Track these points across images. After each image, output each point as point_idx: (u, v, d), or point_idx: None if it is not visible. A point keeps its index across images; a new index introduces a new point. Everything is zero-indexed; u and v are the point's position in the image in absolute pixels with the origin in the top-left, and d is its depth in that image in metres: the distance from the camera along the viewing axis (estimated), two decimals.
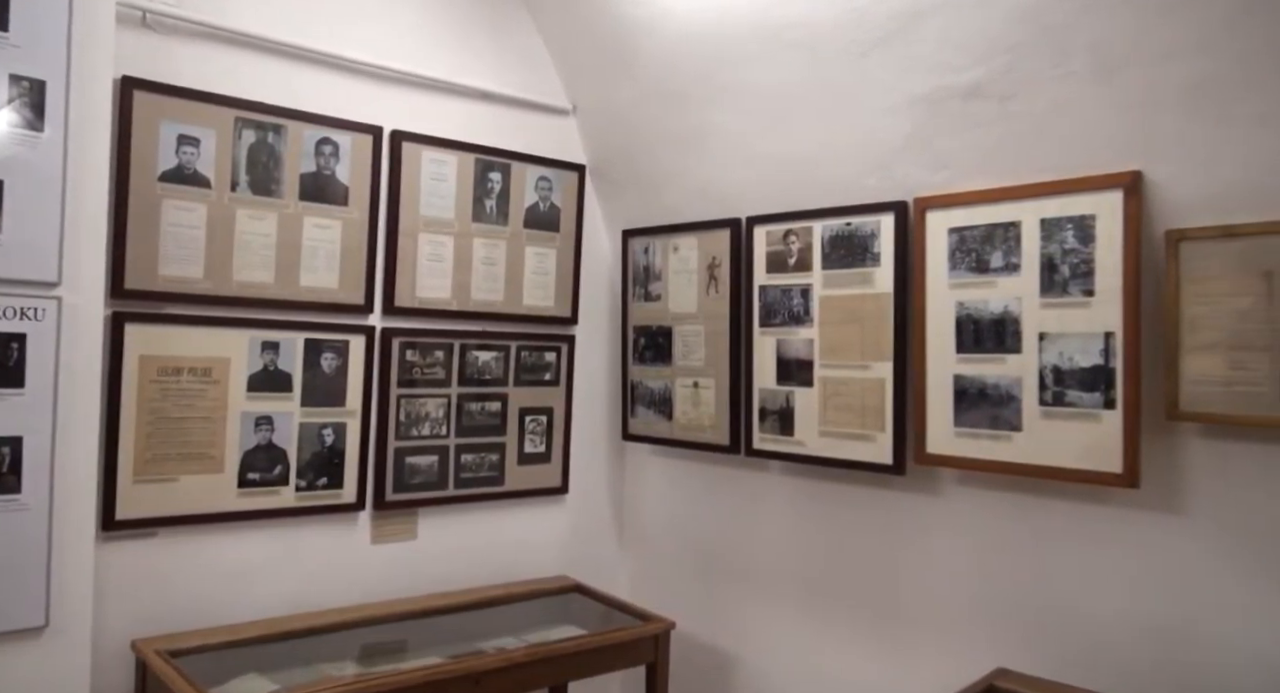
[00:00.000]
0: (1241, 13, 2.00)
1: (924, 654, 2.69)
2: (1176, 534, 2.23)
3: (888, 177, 2.71)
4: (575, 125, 3.55)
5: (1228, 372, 2.08)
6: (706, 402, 3.22)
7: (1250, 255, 2.05)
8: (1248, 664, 2.11)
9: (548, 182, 3.42)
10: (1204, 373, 2.12)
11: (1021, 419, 2.40)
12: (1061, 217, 2.33)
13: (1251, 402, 2.04)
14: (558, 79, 3.52)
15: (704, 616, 3.35)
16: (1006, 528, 2.53)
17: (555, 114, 3.50)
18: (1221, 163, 2.10)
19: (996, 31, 2.37)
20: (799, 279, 2.92)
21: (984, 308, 2.48)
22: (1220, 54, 2.05)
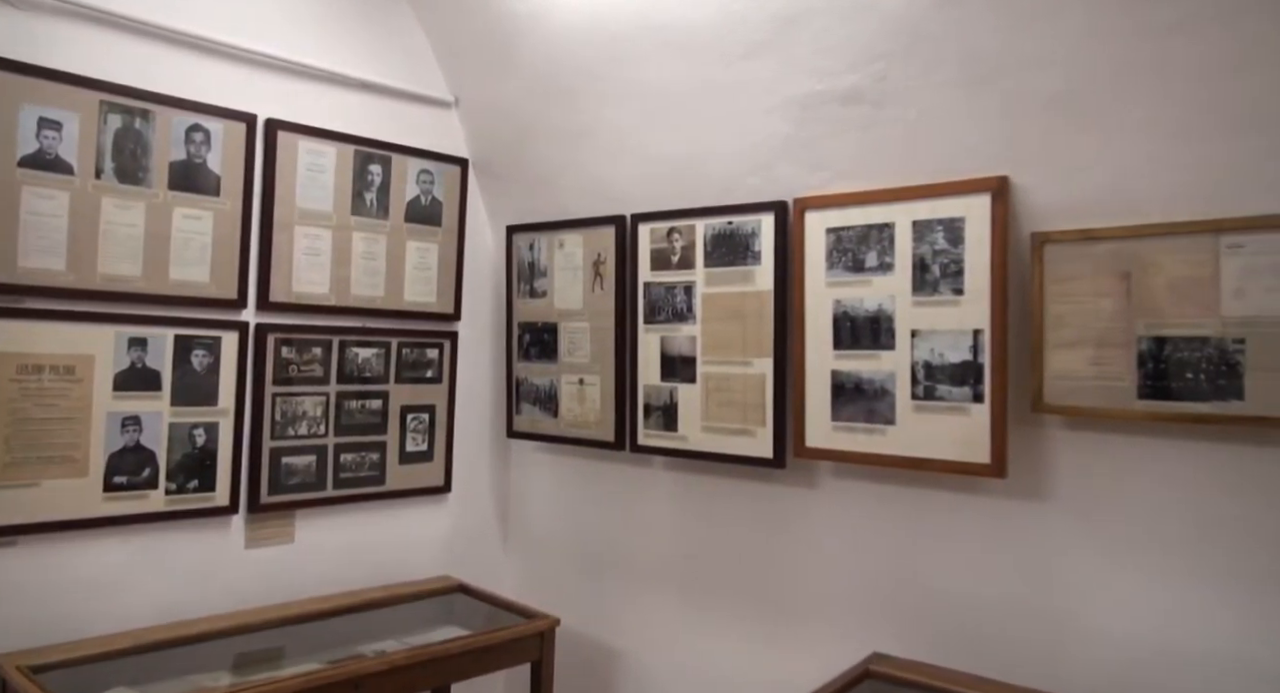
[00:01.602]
0: (1099, 28, 2.12)
1: (804, 642, 2.77)
2: (1041, 520, 2.35)
3: (768, 177, 2.78)
4: (458, 118, 3.52)
5: (1088, 367, 2.21)
6: (592, 398, 3.24)
7: (1109, 257, 2.18)
8: (1104, 641, 2.24)
9: (430, 175, 3.38)
10: (1067, 368, 2.25)
11: (895, 413, 2.51)
12: (933, 219, 2.43)
13: (1110, 395, 2.18)
14: (439, 71, 3.48)
15: (589, 612, 3.37)
16: (882, 518, 2.63)
17: (437, 106, 3.47)
18: (1083, 170, 2.23)
19: (870, 39, 2.46)
20: (682, 277, 2.97)
21: (860, 306, 2.57)
22: (1080, 66, 2.17)
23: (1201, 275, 2.06)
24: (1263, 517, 2.04)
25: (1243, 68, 1.98)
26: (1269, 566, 2.04)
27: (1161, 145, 2.12)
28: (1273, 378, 1.97)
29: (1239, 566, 2.08)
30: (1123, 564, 2.24)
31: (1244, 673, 2.07)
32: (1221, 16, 1.97)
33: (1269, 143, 1.98)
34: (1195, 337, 2.07)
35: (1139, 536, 2.21)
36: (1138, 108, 2.13)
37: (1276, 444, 2.02)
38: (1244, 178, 2.02)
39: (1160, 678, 2.17)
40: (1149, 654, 2.19)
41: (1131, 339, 2.16)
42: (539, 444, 3.56)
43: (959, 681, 2.32)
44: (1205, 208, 2.06)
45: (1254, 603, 2.06)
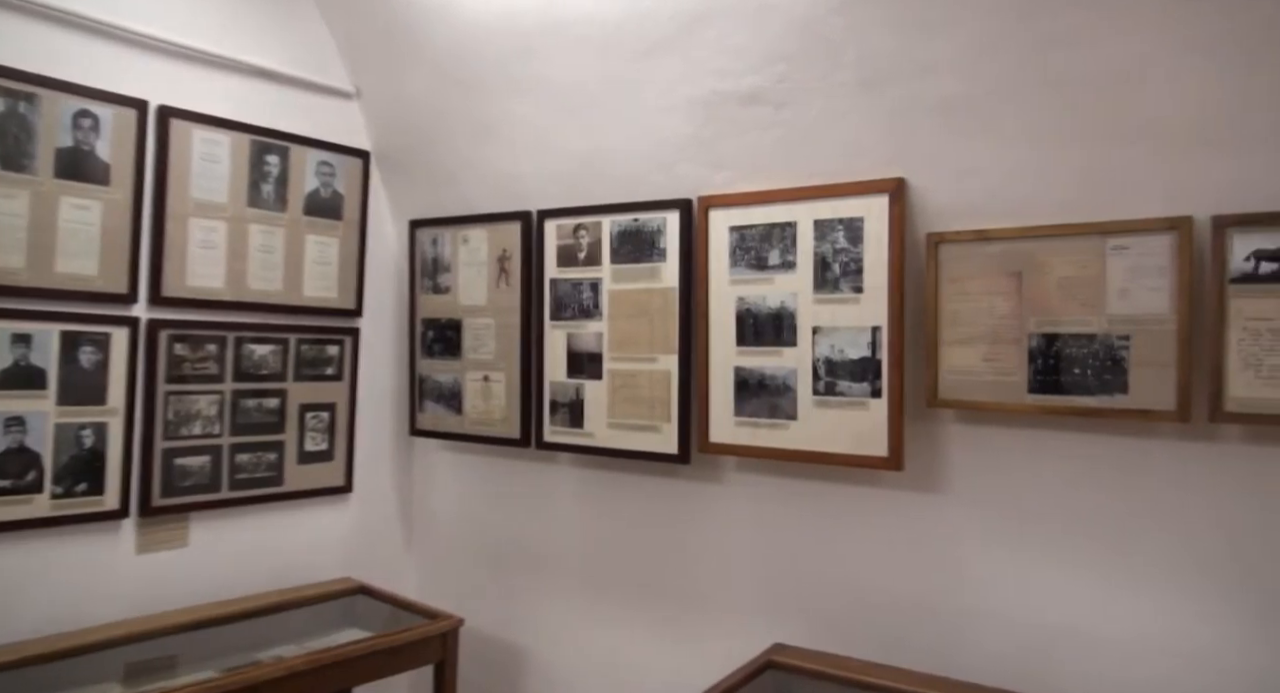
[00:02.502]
0: (991, 38, 2.18)
1: (709, 635, 2.80)
2: (937, 511, 2.42)
3: (673, 175, 2.79)
4: (359, 109, 3.44)
5: (982, 363, 2.28)
6: (497, 395, 3.22)
7: (1001, 258, 2.25)
8: (1000, 626, 2.32)
9: (330, 167, 3.30)
10: (961, 364, 2.31)
11: (797, 408, 2.55)
12: (833, 218, 2.47)
13: (1003, 390, 2.25)
14: (340, 60, 3.40)
15: (495, 611, 3.35)
16: (784, 511, 2.67)
17: (338, 97, 3.38)
18: (976, 173, 2.29)
19: (771, 41, 2.49)
20: (589, 273, 2.97)
21: (762, 303, 2.60)
22: (973, 73, 2.23)
23: (1088, 275, 2.14)
24: (1146, 505, 2.14)
25: (1126, 79, 2.06)
26: (1153, 549, 2.13)
27: (1050, 151, 2.19)
28: (1155, 373, 2.06)
29: (1126, 550, 2.17)
30: (1015, 551, 2.31)
31: (1135, 652, 2.16)
32: (1107, 30, 2.06)
33: (1151, 150, 2.07)
34: (1083, 334, 2.15)
35: (1031, 524, 2.29)
36: (1027, 115, 2.20)
37: (1158, 436, 2.12)
38: (1128, 183, 2.11)
39: (1054, 660, 2.25)
40: (1042, 638, 2.27)
41: (1023, 336, 2.23)
42: (443, 442, 3.51)
43: (858, 668, 2.37)
44: (1093, 211, 2.15)
45: (1141, 585, 2.15)
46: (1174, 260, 2.04)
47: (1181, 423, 2.06)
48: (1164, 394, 2.06)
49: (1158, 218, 2.06)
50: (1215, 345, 2.00)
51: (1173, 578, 2.12)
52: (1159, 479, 2.13)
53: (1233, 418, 1.99)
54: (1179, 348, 2.04)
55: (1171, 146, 2.05)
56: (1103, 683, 2.19)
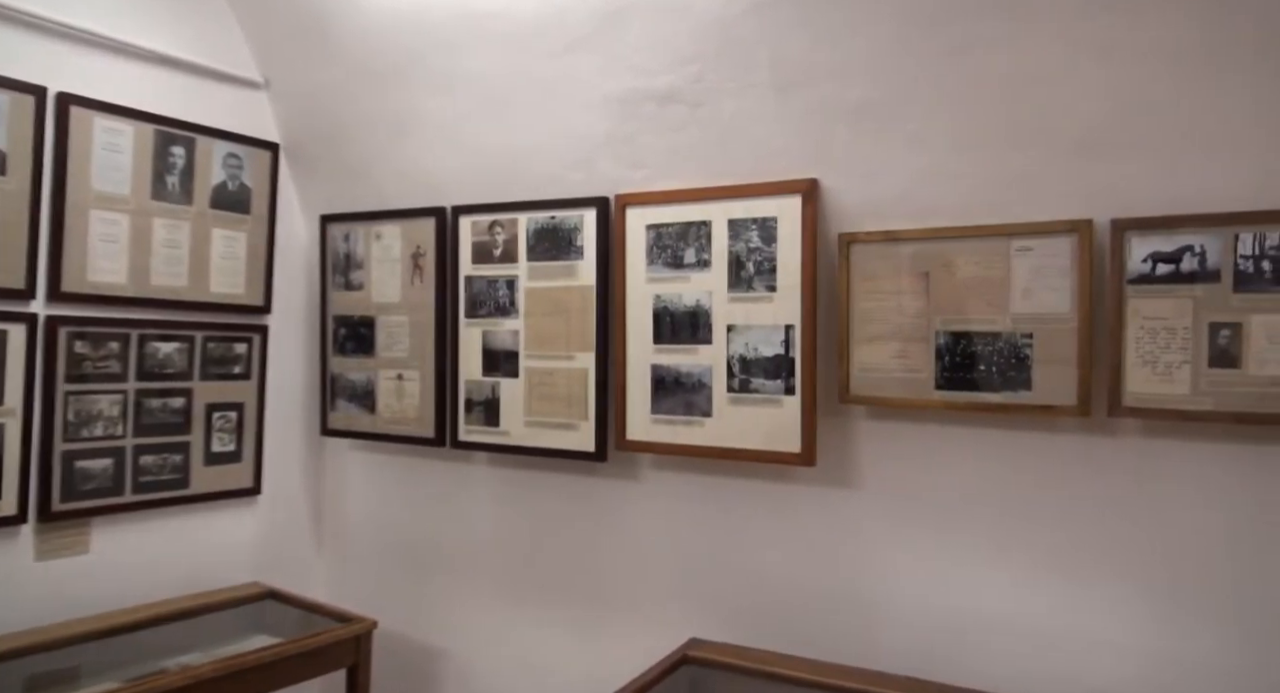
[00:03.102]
0: (900, 44, 2.24)
1: (626, 632, 2.80)
2: (849, 505, 2.47)
3: (591, 172, 2.78)
4: (268, 101, 3.34)
5: (892, 360, 2.33)
6: (411, 394, 3.17)
7: (911, 258, 2.30)
8: (909, 616, 2.38)
9: (237, 159, 3.20)
10: (872, 361, 2.36)
11: (712, 405, 2.57)
12: (747, 218, 2.50)
13: (912, 387, 2.31)
14: (248, 49, 3.29)
15: (409, 612, 3.30)
16: (700, 507, 2.69)
17: (245, 87, 3.28)
18: (886, 175, 2.34)
19: (687, 41, 2.50)
20: (505, 270, 2.95)
21: (679, 301, 2.62)
22: (883, 78, 2.29)
23: (994, 276, 2.21)
24: (1050, 497, 2.21)
25: (1030, 86, 2.14)
26: (1057, 539, 2.21)
27: (957, 154, 2.25)
28: (1056, 370, 2.13)
29: (1031, 540, 2.24)
30: (925, 543, 2.37)
31: (1041, 638, 2.23)
32: (1010, 39, 2.13)
33: (1053, 155, 2.14)
34: (988, 332, 2.21)
35: (939, 516, 2.35)
36: (936, 119, 2.26)
37: (1061, 430, 2.20)
38: (1032, 187, 2.18)
39: (963, 648, 2.32)
40: (951, 626, 2.33)
41: (930, 334, 2.29)
42: (355, 442, 3.44)
43: (772, 661, 2.40)
44: (998, 214, 2.21)
45: (1045, 573, 2.23)
46: (1075, 262, 2.11)
47: (1082, 418, 2.14)
48: (1065, 390, 2.13)
49: (1059, 221, 2.13)
50: (1114, 343, 2.08)
51: (1076, 566, 2.20)
52: (1062, 472, 2.21)
53: (1130, 413, 2.08)
54: (1080, 346, 2.11)
55: (1073, 152, 2.13)
56: (1010, 670, 2.26)
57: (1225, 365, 1.99)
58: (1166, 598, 2.11)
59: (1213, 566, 2.07)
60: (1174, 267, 2.02)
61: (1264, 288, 1.95)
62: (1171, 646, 2.11)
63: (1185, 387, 2.03)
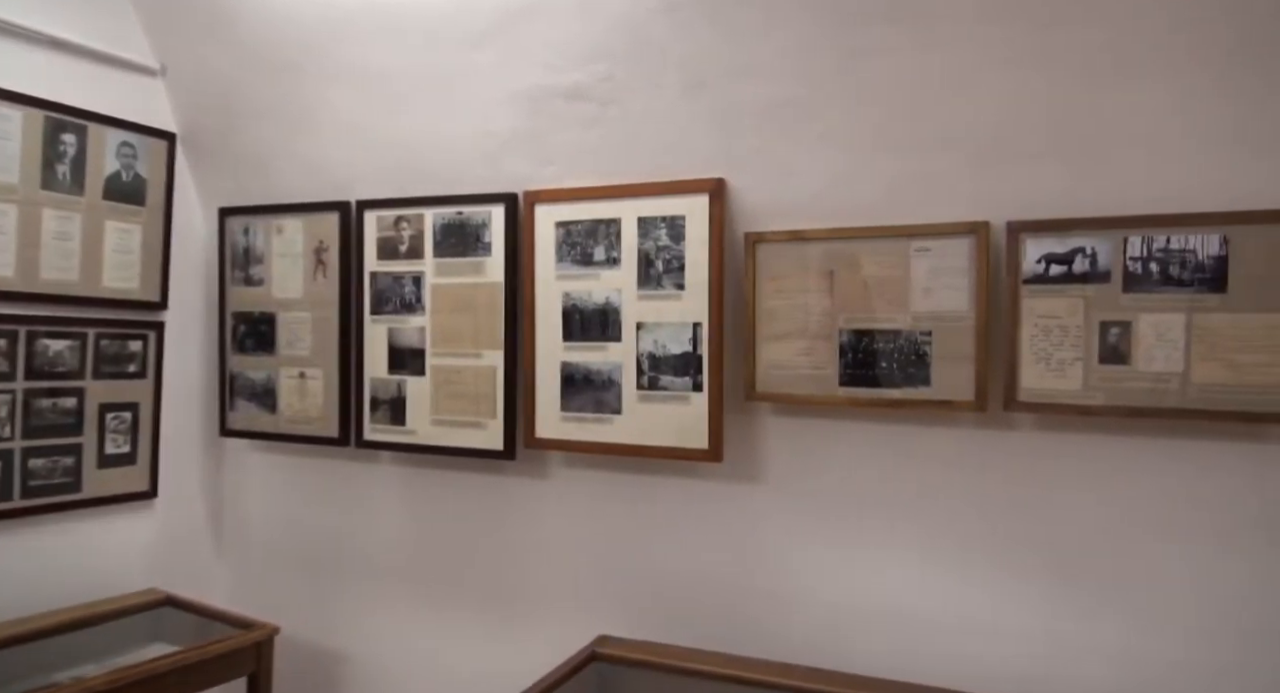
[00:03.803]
0: (806, 47, 2.27)
1: (536, 631, 2.79)
2: (755, 500, 2.49)
3: (499, 168, 2.74)
4: (164, 88, 3.21)
5: (797, 357, 2.36)
6: (314, 393, 3.09)
7: (816, 257, 2.33)
8: (815, 607, 2.42)
9: (131, 148, 3.05)
10: (778, 359, 2.39)
11: (622, 403, 2.57)
12: (656, 216, 2.50)
13: (816, 383, 2.34)
14: (143, 34, 3.15)
15: (313, 617, 3.22)
16: (610, 505, 2.68)
17: (140, 73, 3.14)
18: (791, 175, 2.37)
19: (596, 38, 2.49)
20: (411, 267, 2.89)
21: (588, 299, 2.61)
22: (789, 80, 2.31)
23: (894, 275, 2.25)
24: (950, 488, 2.27)
25: (930, 90, 2.18)
26: (957, 529, 2.27)
27: (860, 156, 2.29)
28: (954, 367, 2.19)
29: (932, 531, 2.30)
30: (829, 536, 2.41)
31: (942, 627, 2.29)
32: (911, 44, 2.17)
33: (953, 159, 2.20)
34: (889, 330, 2.26)
35: (843, 509, 2.39)
36: (839, 121, 2.30)
37: (959, 424, 2.25)
38: (932, 189, 2.23)
39: (866, 638, 2.37)
40: (855, 617, 2.38)
41: (835, 332, 2.33)
42: (256, 443, 3.34)
43: (680, 656, 2.41)
44: (899, 215, 2.25)
45: (946, 564, 2.29)
46: (973, 262, 2.17)
47: (979, 412, 2.20)
48: (963, 386, 2.19)
49: (958, 222, 2.18)
50: (1009, 341, 2.15)
51: (973, 556, 2.26)
52: (960, 465, 2.27)
53: (1025, 407, 2.14)
54: (977, 343, 2.17)
55: (972, 156, 2.18)
56: (912, 658, 2.31)
57: (1115, 362, 2.07)
58: (1059, 585, 2.19)
59: (1103, 554, 2.15)
60: (1066, 268, 2.10)
61: (1151, 288, 2.03)
62: (1063, 630, 2.18)
63: (1077, 383, 2.11)
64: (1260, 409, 1.96)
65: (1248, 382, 1.97)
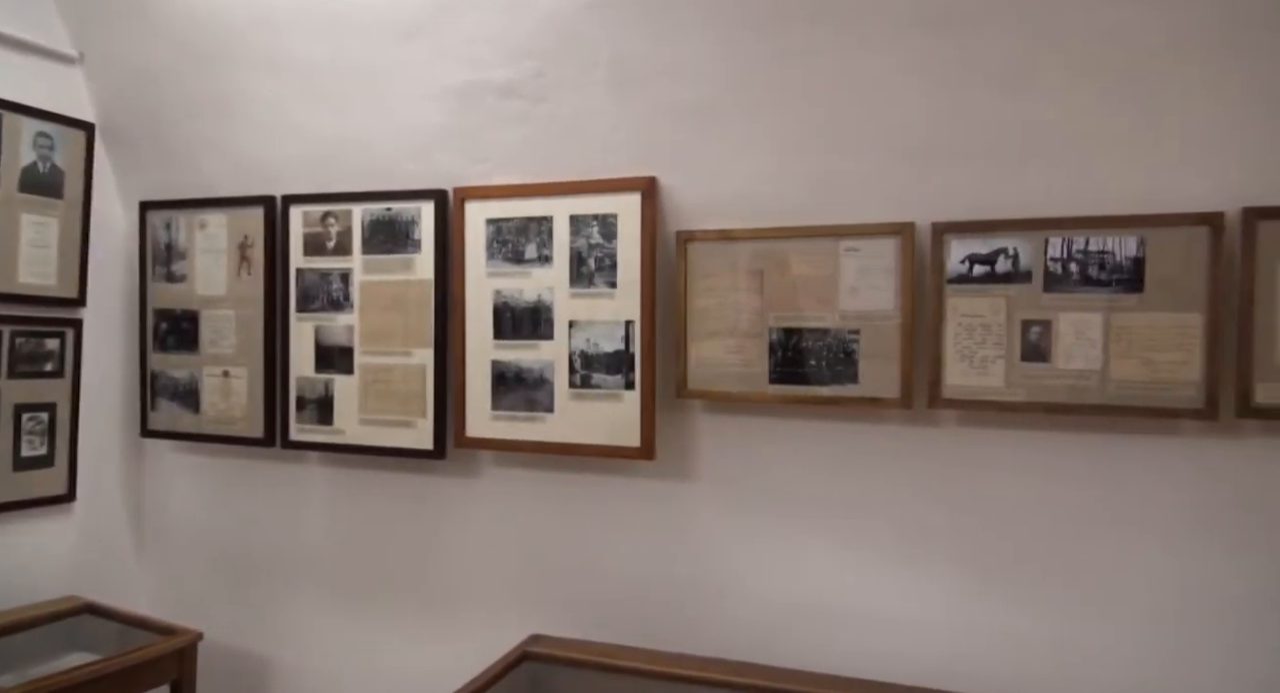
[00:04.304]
0: (734, 48, 2.30)
1: (468, 632, 2.76)
2: (687, 497, 2.50)
3: (429, 164, 2.71)
4: (82, 77, 3.10)
5: (728, 355, 2.37)
6: (238, 392, 3.03)
7: (746, 256, 2.34)
8: (747, 601, 2.44)
9: (48, 139, 2.94)
10: (709, 356, 2.40)
11: (554, 401, 2.55)
12: (588, 214, 2.49)
13: (747, 381, 2.36)
14: (60, 20, 3.04)
15: (238, 622, 3.15)
16: (542, 503, 2.67)
17: (57, 61, 3.02)
18: (722, 175, 2.38)
19: (526, 34, 2.48)
20: (338, 263, 2.84)
21: (520, 297, 2.59)
22: (718, 80, 2.33)
23: (823, 275, 2.28)
24: (877, 484, 2.31)
25: (855, 93, 2.23)
26: (885, 524, 2.31)
27: (789, 157, 2.31)
28: (881, 364, 2.22)
29: (860, 526, 2.33)
30: (760, 532, 2.43)
31: (871, 621, 2.33)
32: (836, 48, 2.22)
33: (878, 160, 2.23)
34: (818, 328, 2.28)
35: (774, 505, 2.41)
36: (768, 122, 2.32)
37: (885, 421, 2.29)
38: (859, 190, 2.26)
39: (797, 632, 2.39)
40: (785, 611, 2.40)
41: (765, 330, 2.34)
42: (178, 444, 3.24)
43: (612, 653, 2.41)
44: (827, 215, 2.28)
45: (874, 558, 2.33)
46: (898, 262, 2.20)
47: (905, 409, 2.23)
48: (890, 383, 2.23)
49: (884, 223, 2.22)
50: (934, 339, 2.18)
51: (899, 550, 2.30)
52: (887, 460, 2.30)
53: (949, 404, 2.18)
54: (903, 341, 2.20)
55: (897, 158, 2.22)
56: (841, 651, 2.34)
57: (1036, 360, 2.12)
58: (983, 576, 2.23)
59: (1026, 546, 2.20)
60: (989, 268, 2.15)
61: (1071, 288, 2.09)
62: (987, 620, 2.23)
63: (999, 380, 2.16)
64: (1173, 405, 2.03)
65: (1161, 378, 2.03)
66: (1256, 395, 1.99)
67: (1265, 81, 1.98)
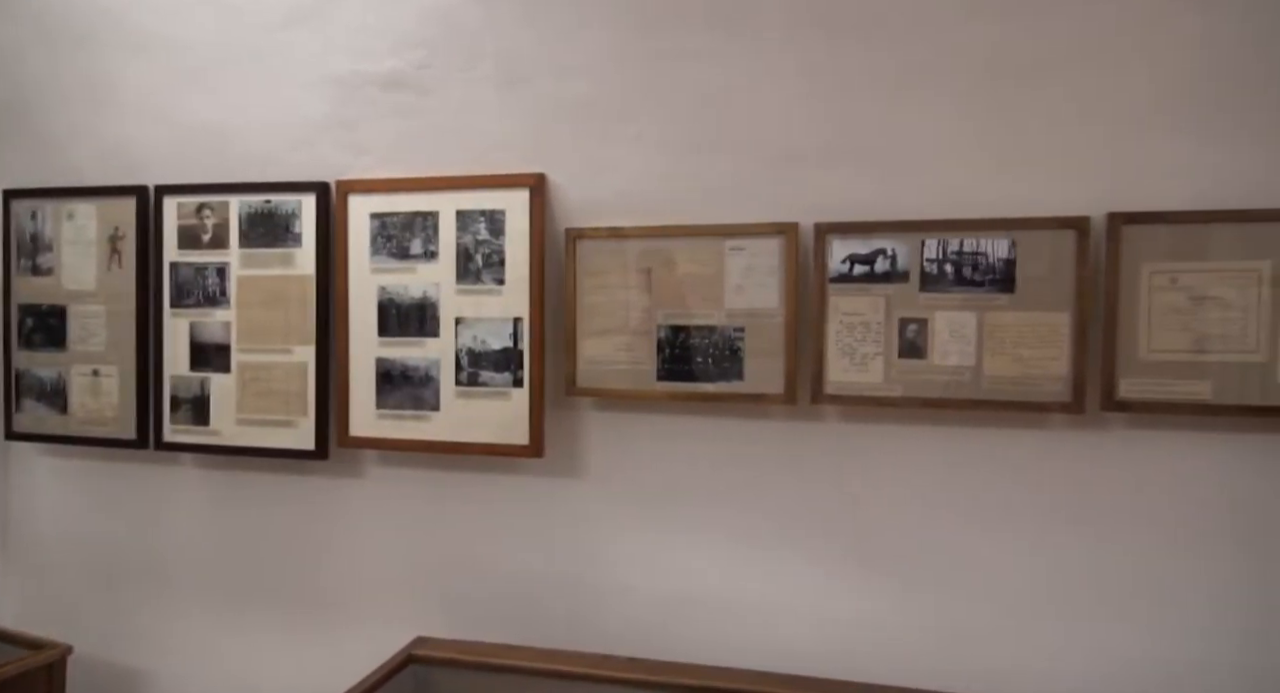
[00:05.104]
0: (619, 47, 2.33)
1: (353, 636, 2.70)
2: (576, 495, 2.49)
3: (312, 156, 2.64)
4: None
5: (617, 353, 2.37)
6: (109, 391, 2.89)
7: (634, 254, 2.35)
8: (636, 599, 2.45)
9: None
10: (598, 354, 2.40)
11: (440, 399, 2.52)
12: (475, 210, 2.46)
13: (635, 378, 2.37)
14: None
15: (110, 633, 3.00)
16: (428, 503, 2.63)
17: None
18: (610, 173, 2.38)
19: (411, 25, 2.45)
20: (215, 257, 2.74)
21: (405, 293, 2.55)
22: (604, 79, 2.36)
23: (709, 273, 2.30)
24: (764, 478, 2.34)
25: (740, 95, 2.28)
26: (772, 518, 2.35)
27: (676, 156, 2.34)
28: (765, 361, 2.25)
29: (748, 520, 2.37)
30: (650, 527, 2.44)
31: (761, 613, 2.37)
32: (721, 50, 2.27)
33: (763, 161, 2.28)
34: (705, 326, 2.30)
35: (663, 501, 2.42)
36: (655, 122, 2.35)
37: (770, 417, 2.32)
38: (744, 190, 2.30)
39: (687, 626, 2.42)
40: (676, 606, 2.42)
41: (653, 328, 2.35)
42: (45, 446, 3.06)
43: (499, 653, 2.40)
44: (714, 214, 2.31)
45: (763, 551, 2.36)
46: (782, 262, 2.24)
47: (789, 405, 2.27)
48: (774, 380, 2.26)
49: (768, 223, 2.25)
50: (817, 337, 2.22)
51: (787, 542, 2.34)
52: (772, 455, 2.34)
53: (831, 399, 2.23)
54: (786, 339, 2.24)
55: (781, 159, 2.27)
56: (732, 644, 2.37)
57: (913, 356, 2.19)
58: (867, 567, 2.30)
59: (907, 536, 2.27)
60: (869, 268, 2.20)
61: (945, 288, 2.15)
62: (872, 609, 2.30)
63: (879, 376, 2.22)
64: (1042, 399, 2.11)
65: (1032, 374, 2.12)
66: (1120, 390, 2.09)
67: (1130, 95, 2.09)
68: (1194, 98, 2.07)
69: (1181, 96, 2.08)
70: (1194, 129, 2.07)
